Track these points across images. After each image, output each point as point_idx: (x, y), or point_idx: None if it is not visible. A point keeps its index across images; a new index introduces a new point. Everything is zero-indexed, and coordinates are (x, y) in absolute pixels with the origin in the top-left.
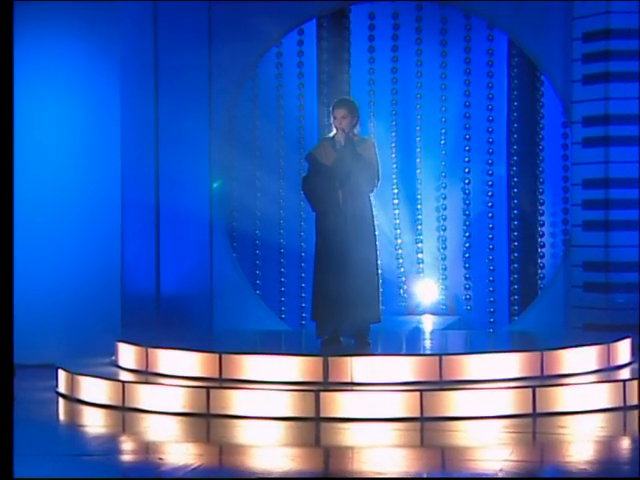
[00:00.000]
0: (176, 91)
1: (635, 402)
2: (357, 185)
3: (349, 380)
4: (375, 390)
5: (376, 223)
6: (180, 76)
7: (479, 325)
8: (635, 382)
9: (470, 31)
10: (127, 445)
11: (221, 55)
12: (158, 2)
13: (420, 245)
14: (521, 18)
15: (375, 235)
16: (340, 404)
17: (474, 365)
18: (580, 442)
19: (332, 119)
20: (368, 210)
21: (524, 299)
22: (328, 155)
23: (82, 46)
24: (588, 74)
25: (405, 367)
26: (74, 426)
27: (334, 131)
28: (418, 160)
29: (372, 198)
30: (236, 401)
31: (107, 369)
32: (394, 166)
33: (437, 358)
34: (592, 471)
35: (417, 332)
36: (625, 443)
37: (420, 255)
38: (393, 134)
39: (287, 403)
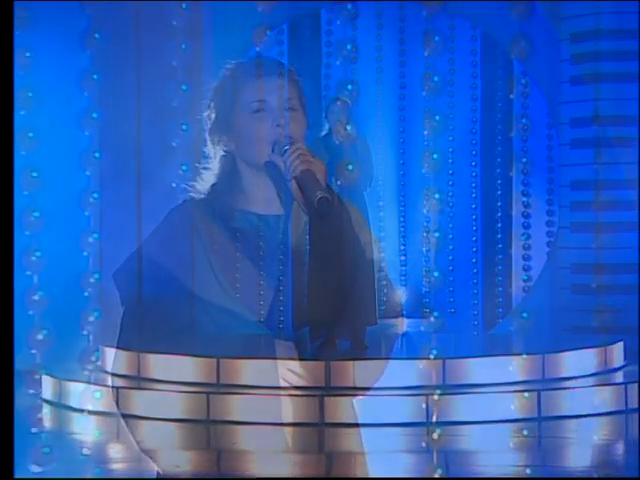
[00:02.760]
0: (157, 91)
1: (636, 405)
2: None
3: (352, 385)
4: (379, 395)
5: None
6: (160, 76)
7: (462, 328)
8: (635, 385)
9: (454, 31)
10: (133, 452)
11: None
12: (140, 2)
13: (402, 247)
14: (505, 19)
15: (371, 235)
16: (344, 409)
17: (477, 368)
18: (593, 446)
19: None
20: (364, 210)
21: (508, 302)
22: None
23: (61, 45)
24: (577, 75)
25: (408, 371)
26: (67, 434)
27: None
28: (401, 162)
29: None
30: (237, 407)
31: (94, 374)
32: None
33: (441, 362)
34: (610, 475)
35: (408, 335)
36: (635, 446)
37: (402, 257)
38: (375, 136)
39: (289, 408)
